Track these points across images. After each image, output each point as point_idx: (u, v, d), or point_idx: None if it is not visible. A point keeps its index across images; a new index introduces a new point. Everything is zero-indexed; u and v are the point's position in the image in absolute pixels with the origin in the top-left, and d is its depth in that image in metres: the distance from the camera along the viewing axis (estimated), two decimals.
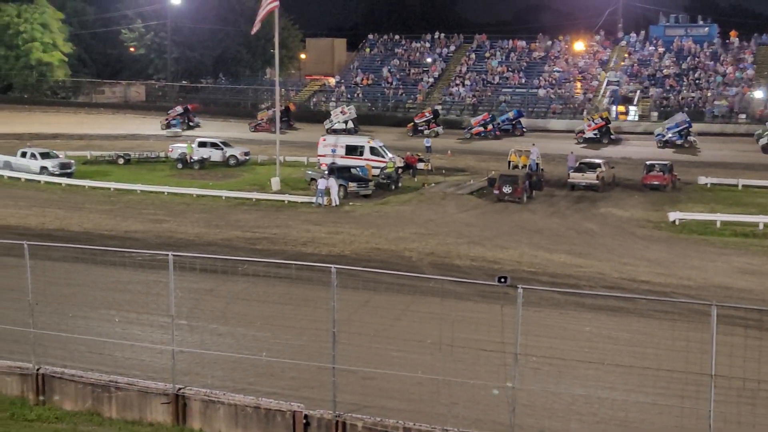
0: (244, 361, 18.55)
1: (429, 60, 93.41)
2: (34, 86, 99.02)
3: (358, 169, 47.24)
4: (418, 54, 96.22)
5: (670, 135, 64.83)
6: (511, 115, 74.42)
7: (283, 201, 43.77)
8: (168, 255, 17.04)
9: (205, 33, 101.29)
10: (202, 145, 57.33)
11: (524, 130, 73.26)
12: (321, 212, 41.38)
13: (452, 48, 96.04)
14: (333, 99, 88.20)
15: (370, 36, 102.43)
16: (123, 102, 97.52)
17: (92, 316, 22.41)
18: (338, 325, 15.82)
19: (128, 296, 23.81)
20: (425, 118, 74.36)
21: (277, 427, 15.93)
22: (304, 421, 15.77)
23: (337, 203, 42.63)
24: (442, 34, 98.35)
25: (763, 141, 63.71)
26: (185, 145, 57.41)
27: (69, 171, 51.51)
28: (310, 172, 48.41)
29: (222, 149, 57.14)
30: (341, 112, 75.63)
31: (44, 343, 18.36)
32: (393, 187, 46.89)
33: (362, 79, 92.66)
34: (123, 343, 19.39)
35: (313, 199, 42.97)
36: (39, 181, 49.69)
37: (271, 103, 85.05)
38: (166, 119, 78.50)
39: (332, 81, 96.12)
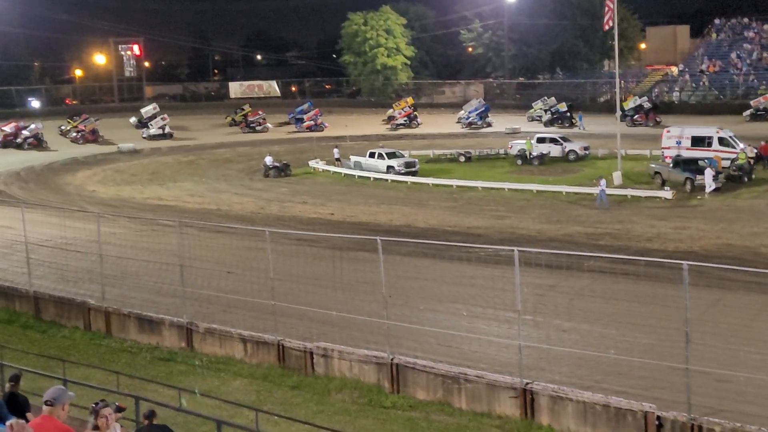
0: (590, 359, 18.28)
1: None
2: (380, 90, 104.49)
3: (706, 161, 44.91)
4: None
5: (471, 117, 79.02)
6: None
7: (626, 195, 42.67)
8: (513, 250, 17.19)
9: (541, 28, 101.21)
10: (541, 140, 57.39)
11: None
12: (666, 207, 39.79)
13: None
14: (676, 89, 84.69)
15: (717, 21, 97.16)
16: (462, 101, 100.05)
17: (440, 309, 23.16)
18: (690, 324, 15.12)
19: (473, 291, 24.25)
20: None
21: (627, 427, 15.55)
22: (657, 422, 15.25)
23: (713, 188, 41.15)
24: None
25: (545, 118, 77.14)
26: (524, 141, 57.79)
27: (413, 170, 53.63)
28: (653, 165, 46.82)
29: (561, 144, 56.86)
30: (162, 119, 79.40)
31: (396, 334, 19.26)
32: (745, 179, 44.02)
33: (708, 67, 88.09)
34: (470, 337, 19.82)
35: (659, 193, 41.55)
36: (386, 180, 52.24)
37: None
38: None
39: (675, 70, 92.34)
